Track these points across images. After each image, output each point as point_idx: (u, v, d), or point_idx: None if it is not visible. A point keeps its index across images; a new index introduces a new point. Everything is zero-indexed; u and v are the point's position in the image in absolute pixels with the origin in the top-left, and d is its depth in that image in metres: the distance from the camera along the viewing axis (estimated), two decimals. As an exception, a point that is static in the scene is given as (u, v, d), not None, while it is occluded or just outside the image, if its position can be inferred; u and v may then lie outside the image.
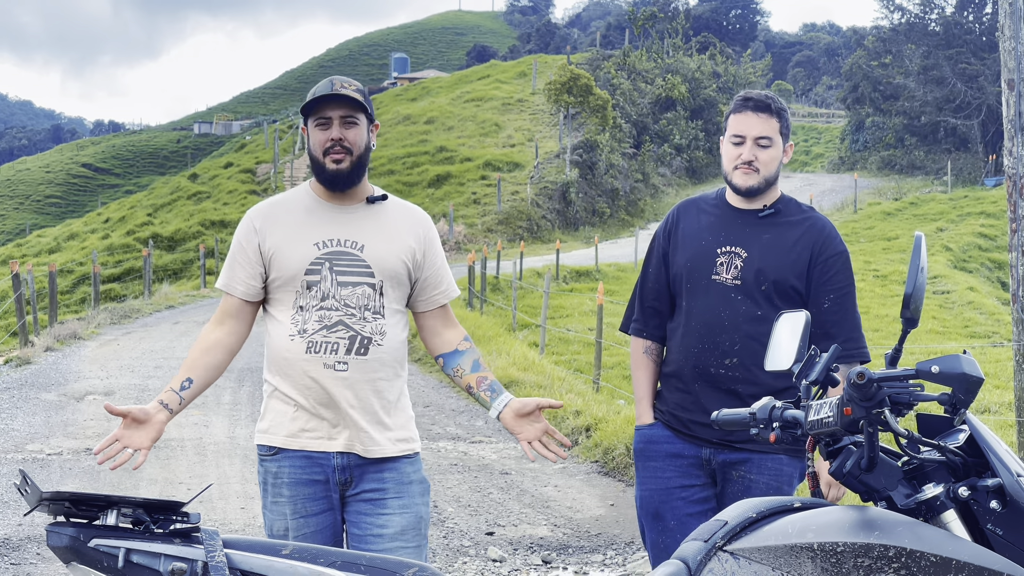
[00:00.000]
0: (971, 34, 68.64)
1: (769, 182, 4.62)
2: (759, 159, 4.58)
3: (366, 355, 4.18)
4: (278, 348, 4.23)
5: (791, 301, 4.56)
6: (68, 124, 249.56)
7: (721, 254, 4.63)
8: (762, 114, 4.59)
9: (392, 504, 4.20)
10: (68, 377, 16.81)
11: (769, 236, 4.61)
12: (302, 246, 4.18)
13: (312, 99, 4.15)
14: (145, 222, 50.34)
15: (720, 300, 4.59)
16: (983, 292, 31.98)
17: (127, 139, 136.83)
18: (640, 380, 4.87)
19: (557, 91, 51.71)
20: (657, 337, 4.85)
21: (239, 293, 4.24)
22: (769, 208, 4.66)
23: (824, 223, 4.67)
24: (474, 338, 18.57)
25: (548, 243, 43.50)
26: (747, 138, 4.59)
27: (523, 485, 10.41)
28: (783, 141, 4.63)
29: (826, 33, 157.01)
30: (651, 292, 4.85)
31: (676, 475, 4.68)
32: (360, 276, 4.20)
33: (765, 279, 4.55)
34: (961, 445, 3.20)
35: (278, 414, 4.23)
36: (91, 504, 3.05)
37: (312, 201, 4.28)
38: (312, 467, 4.18)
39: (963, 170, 61.78)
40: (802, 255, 4.57)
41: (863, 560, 2.97)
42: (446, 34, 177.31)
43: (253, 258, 4.22)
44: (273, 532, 4.24)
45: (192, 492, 9.67)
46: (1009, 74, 7.33)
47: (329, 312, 4.16)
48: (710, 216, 4.74)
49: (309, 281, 4.17)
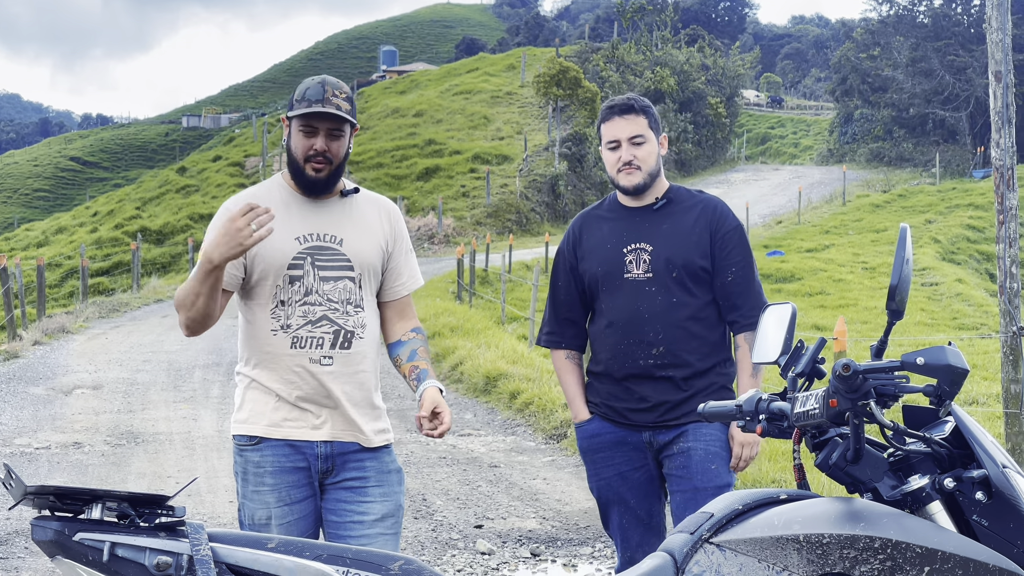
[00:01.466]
0: (959, 26, 68.68)
1: (652, 175, 4.87)
2: (637, 157, 4.83)
3: (350, 348, 4.22)
4: (258, 342, 4.23)
5: (701, 281, 4.81)
6: (56, 118, 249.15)
7: (628, 252, 4.85)
8: (628, 115, 4.85)
9: (373, 492, 4.25)
10: (56, 371, 16.79)
11: (667, 225, 4.85)
12: (284, 241, 4.19)
13: (304, 112, 4.14)
14: (133, 216, 50.24)
15: (636, 295, 4.80)
16: (971, 284, 32.02)
17: (115, 132, 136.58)
18: (568, 382, 5.07)
19: (546, 84, 51.68)
20: (576, 346, 5.09)
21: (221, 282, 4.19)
22: (662, 199, 4.90)
23: (716, 202, 4.95)
24: (463, 331, 18.60)
25: (537, 236, 43.49)
26: (621, 141, 4.84)
27: (512, 478, 10.41)
28: (655, 135, 4.89)
29: (815, 25, 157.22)
30: (564, 304, 5.06)
31: (624, 460, 4.89)
32: (341, 270, 4.22)
33: (674, 266, 4.78)
34: (947, 437, 3.21)
35: (258, 403, 4.24)
36: (76, 498, 3.04)
37: (288, 195, 4.29)
38: (295, 455, 4.21)
39: (951, 162, 61.82)
40: (702, 236, 4.82)
41: (849, 552, 2.97)
42: (435, 27, 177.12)
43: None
44: (254, 521, 4.23)
45: (180, 486, 9.66)
46: (996, 66, 7.34)
47: (313, 307, 4.18)
48: (609, 221, 4.96)
49: (291, 276, 4.18)
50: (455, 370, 16.35)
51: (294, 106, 4.18)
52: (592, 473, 4.99)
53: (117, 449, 11.37)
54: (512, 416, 13.47)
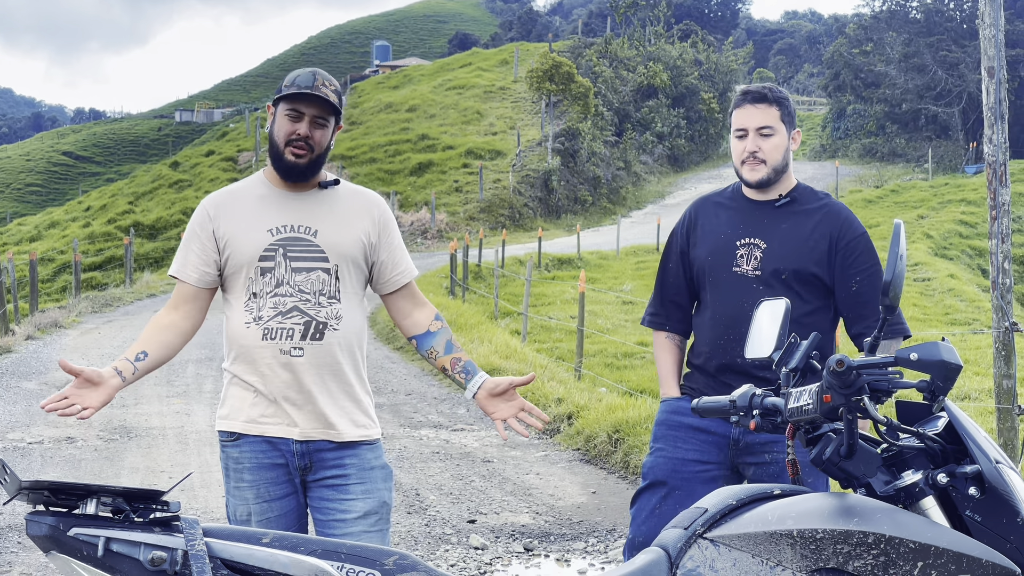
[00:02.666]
0: (952, 22, 68.73)
1: (778, 171, 4.67)
2: (763, 149, 4.64)
3: (321, 340, 4.20)
4: (234, 335, 4.24)
5: (812, 289, 4.62)
6: (49, 112, 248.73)
7: (741, 246, 4.67)
8: (760, 104, 4.66)
9: (355, 489, 4.23)
10: (49, 366, 16.77)
11: (787, 226, 4.65)
12: (255, 233, 4.20)
13: (292, 92, 4.15)
14: (126, 210, 50.21)
15: (741, 292, 4.62)
16: (963, 279, 32.07)
17: (108, 127, 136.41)
18: (664, 360, 4.90)
19: (539, 79, 51.64)
20: (680, 330, 4.91)
21: (192, 280, 4.26)
22: (785, 197, 4.71)
23: (840, 208, 4.72)
24: (456, 326, 18.59)
25: (530, 231, 43.50)
26: (749, 130, 4.66)
27: (505, 473, 10.42)
28: (787, 128, 4.69)
29: (808, 21, 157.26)
30: (672, 287, 4.89)
31: (694, 449, 4.68)
32: (314, 261, 4.21)
33: (784, 269, 4.59)
34: (940, 432, 3.21)
35: (237, 400, 4.25)
36: (71, 493, 3.04)
37: (265, 188, 4.29)
38: (272, 451, 4.21)
39: (944, 157, 61.90)
40: (820, 243, 4.62)
41: (842, 547, 2.98)
42: (428, 22, 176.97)
43: (208, 245, 4.23)
44: (236, 517, 4.25)
45: (174, 481, 9.66)
46: (989, 62, 7.34)
47: (283, 298, 4.18)
48: (728, 210, 4.79)
49: (263, 267, 4.18)
50: (448, 365, 16.33)
51: (282, 91, 4.19)
52: (655, 448, 4.79)
53: (110, 444, 11.37)
54: (505, 411, 13.46)
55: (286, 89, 4.17)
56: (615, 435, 10.97)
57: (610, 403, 12.03)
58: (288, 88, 4.16)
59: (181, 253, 4.30)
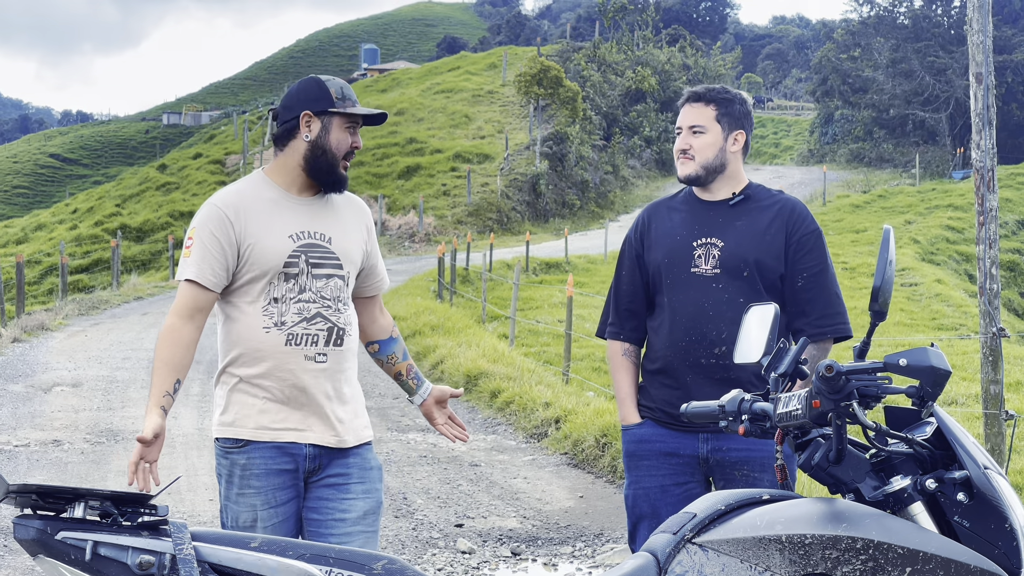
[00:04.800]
0: (939, 27, 68.87)
1: (709, 169, 4.68)
2: (692, 146, 4.68)
3: (341, 346, 4.26)
4: (247, 339, 4.20)
5: (771, 283, 4.61)
6: (36, 114, 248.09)
7: (697, 247, 4.65)
8: (696, 104, 4.72)
9: (355, 489, 4.27)
10: (35, 368, 16.73)
11: (742, 223, 4.65)
12: (278, 239, 4.20)
13: (354, 111, 4.26)
14: (113, 213, 50.09)
15: (701, 291, 4.60)
16: (950, 284, 32.12)
17: (95, 129, 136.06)
18: (622, 381, 4.85)
19: (527, 83, 51.62)
20: (635, 339, 4.87)
21: (211, 284, 4.17)
22: (738, 195, 4.70)
23: (795, 203, 4.73)
24: (443, 330, 18.61)
25: (518, 235, 43.47)
26: (683, 128, 4.72)
27: (492, 477, 10.41)
28: (725, 128, 4.69)
29: (796, 26, 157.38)
30: (626, 295, 4.86)
31: (670, 473, 4.66)
32: (332, 268, 4.26)
33: (746, 264, 4.58)
34: (928, 438, 3.22)
35: (244, 406, 4.22)
36: (58, 496, 3.04)
37: (275, 192, 4.29)
38: (281, 457, 4.20)
39: (931, 163, 62.01)
40: (777, 236, 4.62)
41: (831, 552, 2.98)
42: (416, 25, 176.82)
43: (228, 249, 4.18)
44: (238, 524, 4.22)
45: (160, 484, 9.63)
46: (977, 68, 7.36)
47: (308, 304, 4.20)
48: (681, 212, 4.77)
49: (287, 273, 4.19)
50: (435, 368, 16.35)
51: (335, 103, 4.23)
52: (631, 480, 4.77)
53: (97, 447, 11.34)
54: (493, 415, 13.47)
55: (340, 103, 4.24)
56: (603, 439, 10.96)
57: (598, 407, 12.02)
58: (343, 102, 4.24)
59: (198, 256, 4.17)
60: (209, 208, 4.23)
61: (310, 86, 4.28)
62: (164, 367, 4.08)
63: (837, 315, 4.64)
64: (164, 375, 4.06)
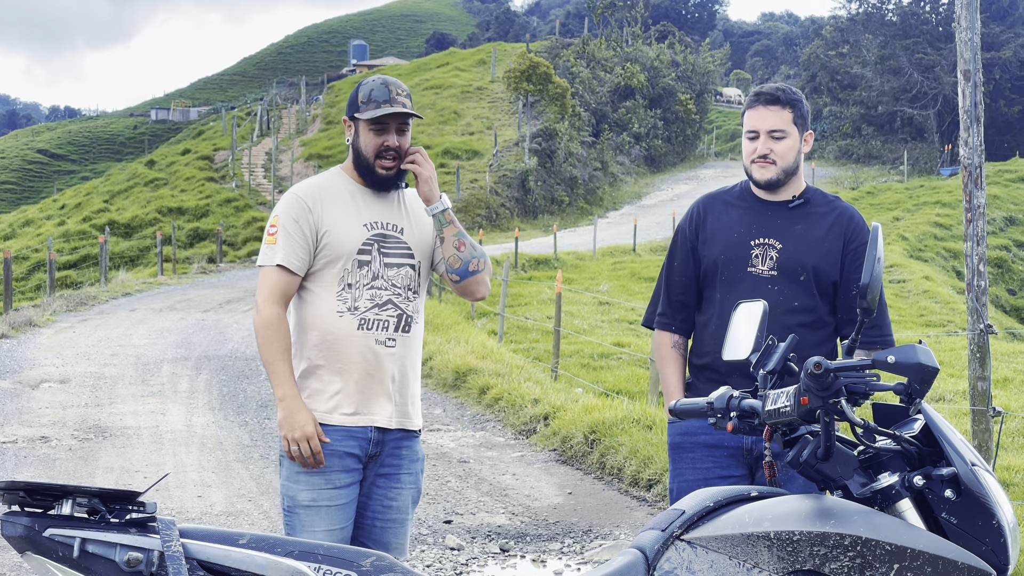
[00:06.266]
0: (928, 24, 69.04)
1: (788, 173, 4.64)
2: (774, 151, 4.61)
3: (409, 333, 4.45)
4: (321, 323, 4.39)
5: (825, 290, 4.59)
6: (24, 110, 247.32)
7: (755, 246, 4.63)
8: (773, 107, 4.62)
9: (404, 479, 4.48)
10: (23, 364, 16.69)
11: (801, 227, 4.63)
12: (353, 226, 4.40)
13: (376, 113, 4.37)
14: (101, 209, 50.01)
15: (756, 291, 4.54)
16: (938, 281, 32.22)
17: (83, 125, 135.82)
18: (670, 374, 4.83)
19: (516, 79, 51.64)
20: (684, 331, 4.85)
21: (297, 268, 4.38)
22: (799, 199, 4.68)
23: (852, 212, 4.70)
24: (433, 326, 18.58)
25: (507, 231, 43.49)
26: (760, 132, 4.62)
27: (481, 473, 10.41)
28: (799, 131, 4.65)
29: (784, 23, 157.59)
30: (678, 286, 4.82)
31: (715, 466, 4.63)
32: (403, 258, 4.46)
33: (803, 269, 4.57)
34: (916, 434, 3.22)
35: (315, 392, 4.38)
36: (46, 493, 3.03)
37: (352, 186, 4.51)
38: (348, 440, 4.35)
39: (919, 160, 62.17)
40: (835, 244, 4.61)
41: (819, 549, 2.99)
42: (405, 21, 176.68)
43: (309, 235, 4.39)
44: (296, 503, 4.34)
45: (149, 481, 9.63)
46: (965, 65, 7.37)
47: (379, 291, 4.39)
48: (738, 209, 4.75)
49: (360, 260, 4.39)
50: (424, 365, 16.33)
51: (360, 108, 4.42)
52: (675, 473, 4.74)
53: (85, 443, 11.32)
54: (481, 411, 13.47)
55: (365, 107, 4.41)
56: (591, 436, 10.97)
57: (586, 404, 12.03)
58: (367, 106, 4.41)
59: (284, 243, 4.37)
60: (290, 197, 4.45)
61: (352, 92, 4.51)
62: (285, 352, 4.33)
63: (884, 326, 4.63)
64: (289, 361, 4.33)
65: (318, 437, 4.24)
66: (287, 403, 4.23)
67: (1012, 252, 42.52)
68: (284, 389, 4.25)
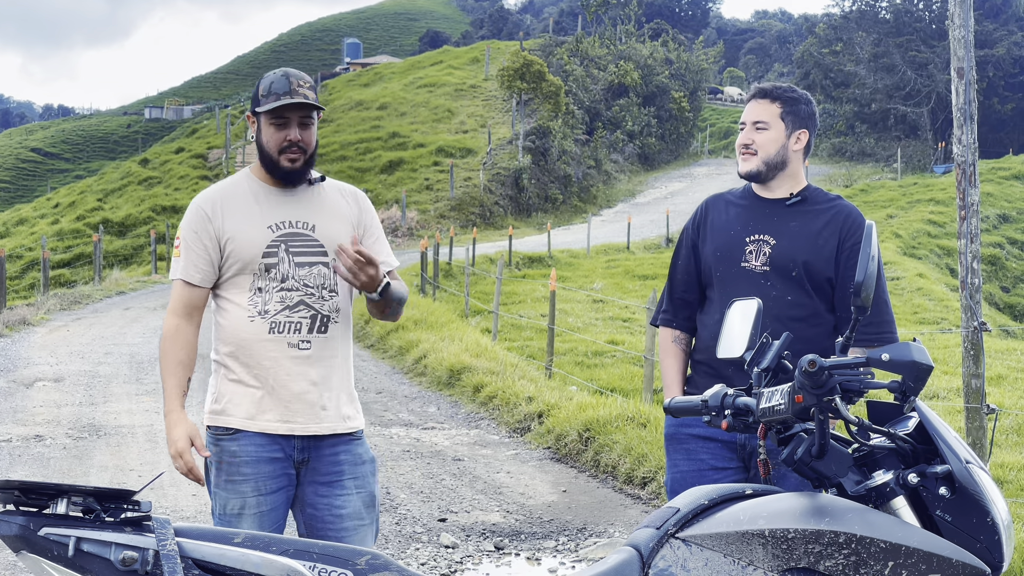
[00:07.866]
0: (921, 22, 69.08)
1: (770, 166, 4.68)
2: (755, 141, 4.68)
3: (326, 333, 4.31)
4: (235, 330, 4.29)
5: (820, 286, 4.61)
6: (17, 108, 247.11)
7: (750, 242, 4.68)
8: (761, 100, 4.72)
9: (348, 484, 4.32)
10: (17, 363, 16.68)
11: (796, 224, 4.66)
12: (256, 230, 4.27)
13: (274, 105, 4.22)
14: (95, 207, 49.98)
15: (750, 286, 4.59)
16: (932, 279, 32.23)
17: (77, 124, 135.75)
18: (669, 367, 4.89)
19: (510, 77, 51.68)
20: (686, 328, 4.89)
21: (197, 281, 4.30)
22: (796, 196, 4.71)
23: (850, 209, 4.72)
24: (426, 324, 18.58)
25: (501, 229, 43.48)
26: (747, 123, 4.72)
27: (475, 471, 10.41)
28: (787, 126, 4.68)
29: (778, 20, 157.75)
30: (681, 284, 4.88)
31: (710, 457, 4.66)
32: (315, 256, 4.31)
33: (795, 264, 4.59)
34: (911, 432, 3.23)
35: (235, 395, 4.29)
36: (41, 492, 3.03)
37: (257, 187, 4.37)
38: (271, 445, 4.26)
39: (913, 157, 62.20)
40: (829, 241, 4.62)
41: (814, 546, 2.99)
42: (399, 19, 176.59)
43: (210, 245, 4.29)
44: (226, 511, 4.26)
45: (143, 479, 9.62)
46: (959, 62, 7.37)
47: (290, 293, 4.27)
48: (738, 207, 4.80)
49: (267, 264, 4.26)
50: (419, 363, 16.34)
51: (260, 101, 4.26)
52: (670, 464, 4.79)
53: (79, 442, 11.31)
54: (476, 409, 13.47)
55: (265, 100, 4.24)
56: (585, 434, 10.97)
57: (580, 402, 12.03)
58: (267, 99, 4.24)
59: (184, 257, 4.32)
60: (192, 208, 4.35)
61: (255, 85, 4.37)
62: (177, 367, 4.25)
63: (885, 323, 4.62)
64: (179, 374, 4.25)
65: (198, 450, 4.15)
66: (168, 418, 4.15)
67: (1006, 249, 42.56)
68: (168, 404, 4.18)
